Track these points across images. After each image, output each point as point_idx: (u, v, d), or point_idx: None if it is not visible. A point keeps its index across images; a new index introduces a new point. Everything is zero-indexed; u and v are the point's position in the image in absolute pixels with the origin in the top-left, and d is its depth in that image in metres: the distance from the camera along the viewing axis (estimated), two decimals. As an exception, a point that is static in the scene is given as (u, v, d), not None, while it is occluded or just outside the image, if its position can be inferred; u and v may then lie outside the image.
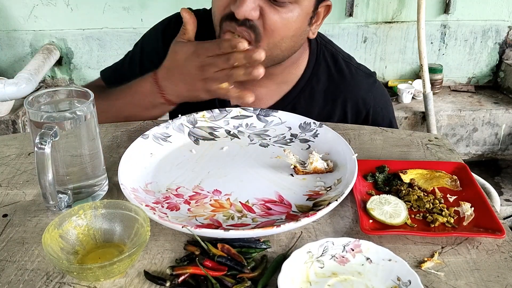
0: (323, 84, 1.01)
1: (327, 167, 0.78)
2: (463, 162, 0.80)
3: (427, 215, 0.68)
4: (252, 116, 0.93)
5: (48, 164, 0.62)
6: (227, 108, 0.94)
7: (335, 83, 1.01)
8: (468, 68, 2.70)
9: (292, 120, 0.91)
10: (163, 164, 0.80)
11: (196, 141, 0.88)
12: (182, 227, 0.61)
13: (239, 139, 0.89)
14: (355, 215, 0.69)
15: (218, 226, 0.66)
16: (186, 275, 0.57)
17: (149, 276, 0.57)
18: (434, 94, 2.49)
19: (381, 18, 2.53)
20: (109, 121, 0.95)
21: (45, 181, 0.63)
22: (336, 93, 1.01)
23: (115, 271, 0.55)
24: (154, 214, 0.64)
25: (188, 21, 0.87)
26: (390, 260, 0.58)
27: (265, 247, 0.62)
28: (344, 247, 0.59)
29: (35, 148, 0.61)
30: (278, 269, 0.55)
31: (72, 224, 0.60)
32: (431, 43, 2.60)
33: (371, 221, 0.66)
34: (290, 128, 0.90)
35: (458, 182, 0.76)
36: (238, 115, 0.93)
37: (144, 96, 0.91)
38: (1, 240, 0.64)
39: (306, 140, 0.87)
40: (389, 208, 0.67)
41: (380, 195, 0.71)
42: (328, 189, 0.74)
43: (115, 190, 0.74)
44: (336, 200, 0.66)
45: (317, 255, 0.59)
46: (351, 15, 2.50)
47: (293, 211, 0.69)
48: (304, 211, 0.69)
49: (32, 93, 0.93)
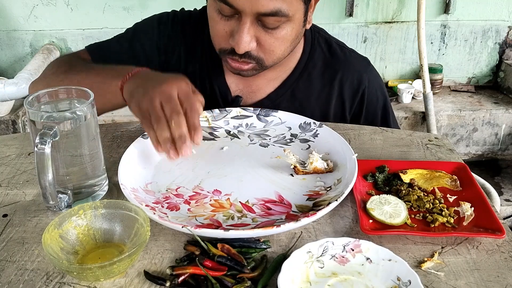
0: (319, 68, 1.03)
1: (327, 167, 0.78)
2: (463, 162, 0.80)
3: (427, 215, 0.68)
4: (252, 116, 0.93)
5: (48, 164, 0.62)
6: (227, 108, 0.94)
7: (331, 66, 1.03)
8: (468, 68, 2.70)
9: (292, 120, 0.91)
10: (163, 164, 0.80)
11: (196, 141, 0.88)
12: (182, 227, 0.61)
13: (239, 139, 0.89)
14: (355, 215, 0.69)
15: (218, 226, 0.66)
16: (186, 275, 0.57)
17: (149, 276, 0.57)
18: (434, 94, 2.49)
19: (381, 18, 2.53)
20: None
21: (45, 181, 0.63)
22: (332, 75, 1.03)
23: (115, 271, 0.55)
24: (154, 214, 0.64)
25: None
26: (390, 260, 0.58)
27: (265, 247, 0.62)
28: (344, 247, 0.59)
29: (35, 148, 0.61)
30: (278, 269, 0.55)
31: (72, 224, 0.60)
32: (431, 43, 2.60)
33: (371, 221, 0.66)
34: (290, 128, 0.91)
35: (458, 182, 0.76)
36: (238, 115, 0.93)
37: (118, 73, 0.85)
38: (1, 240, 0.64)
39: (306, 140, 0.87)
40: (389, 208, 0.67)
41: (380, 195, 0.71)
42: (328, 189, 0.74)
43: (115, 190, 0.74)
44: (336, 200, 0.66)
45: (317, 255, 0.59)
46: (351, 15, 2.49)
47: (293, 211, 0.69)
48: (304, 211, 0.69)
49: (32, 93, 0.93)
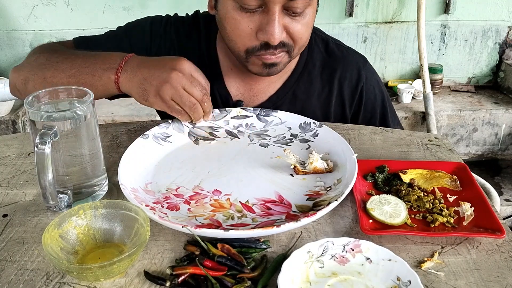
0: (318, 68, 1.03)
1: (327, 167, 0.78)
2: (463, 162, 0.80)
3: (427, 215, 0.68)
4: (252, 116, 0.93)
5: (48, 164, 0.62)
6: (227, 108, 0.94)
7: (329, 65, 1.04)
8: (468, 68, 2.70)
9: (292, 120, 0.91)
10: (163, 164, 0.80)
11: (196, 141, 0.88)
12: (182, 227, 0.61)
13: (239, 139, 0.89)
14: (355, 215, 0.69)
15: (218, 226, 0.66)
16: (186, 275, 0.57)
17: (149, 276, 0.57)
18: (434, 94, 2.49)
19: (381, 18, 2.53)
20: (55, 79, 0.88)
21: (45, 181, 0.63)
22: (331, 74, 1.03)
23: (115, 271, 0.55)
24: (154, 214, 0.64)
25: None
26: (390, 260, 0.58)
27: (265, 247, 0.62)
28: (344, 247, 0.59)
29: (35, 148, 0.61)
30: (278, 269, 0.55)
31: (72, 224, 0.60)
32: (431, 43, 2.60)
33: (371, 221, 0.66)
34: (290, 128, 0.90)
35: (458, 182, 0.76)
36: (238, 115, 0.93)
37: (105, 63, 0.85)
38: (1, 240, 0.64)
39: (306, 140, 0.87)
40: (389, 208, 0.67)
41: (380, 195, 0.71)
42: (328, 189, 0.74)
43: (115, 190, 0.74)
44: (336, 200, 0.66)
45: (317, 255, 0.59)
46: (351, 15, 2.50)
47: (293, 211, 0.69)
48: (304, 211, 0.69)
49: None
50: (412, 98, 2.55)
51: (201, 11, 1.07)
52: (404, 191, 0.72)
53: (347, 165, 0.76)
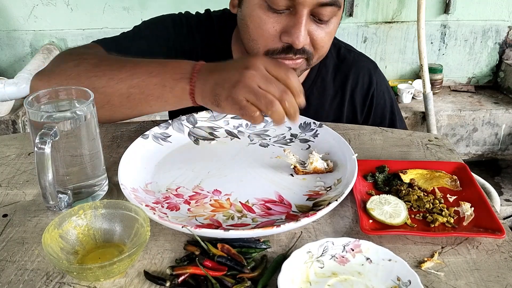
0: (331, 74, 1.03)
1: (327, 167, 0.78)
2: (463, 162, 0.80)
3: (427, 215, 0.68)
4: (252, 116, 0.93)
5: (48, 164, 0.62)
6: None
7: (341, 71, 1.04)
8: (468, 68, 2.70)
9: (292, 120, 0.91)
10: (163, 164, 0.80)
11: (196, 141, 0.88)
12: (182, 227, 0.61)
13: (239, 139, 0.89)
14: (355, 215, 0.69)
15: (218, 226, 0.66)
16: (186, 275, 0.57)
17: (149, 276, 0.57)
18: (434, 94, 2.49)
19: (381, 18, 2.53)
20: (111, 89, 0.77)
21: (45, 181, 0.63)
22: (343, 80, 1.04)
23: (115, 271, 0.55)
24: (154, 214, 0.64)
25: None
26: (390, 260, 0.58)
27: (265, 247, 0.62)
28: (344, 247, 0.59)
29: (35, 148, 0.61)
30: (278, 269, 0.55)
31: (72, 224, 0.60)
32: (431, 43, 2.60)
33: (371, 221, 0.66)
34: (290, 128, 0.90)
35: (458, 182, 0.76)
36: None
37: (176, 73, 0.76)
38: (1, 240, 0.64)
39: (306, 140, 0.87)
40: (389, 208, 0.67)
41: (380, 195, 0.71)
42: (328, 189, 0.74)
43: (115, 190, 0.74)
44: (336, 200, 0.66)
45: (317, 255, 0.59)
46: (351, 15, 2.50)
47: (293, 211, 0.69)
48: (304, 211, 0.69)
49: (32, 93, 0.90)
50: (412, 98, 2.55)
51: (201, 12, 1.05)
52: (404, 191, 0.72)
53: (347, 165, 0.76)
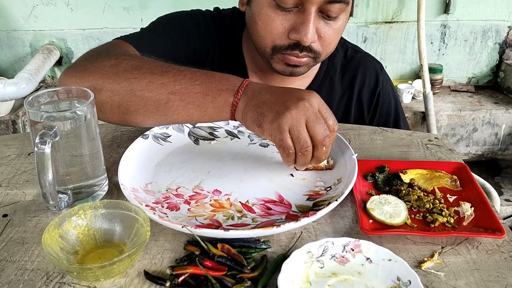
0: (339, 74, 1.04)
1: (327, 164, 0.78)
2: (463, 162, 0.80)
3: (427, 215, 0.68)
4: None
5: (48, 164, 0.62)
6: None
7: (349, 71, 1.05)
8: (468, 68, 2.70)
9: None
10: (163, 164, 0.80)
11: (196, 141, 0.88)
12: (182, 227, 0.61)
13: (239, 139, 0.89)
14: (355, 215, 0.69)
15: (218, 226, 0.66)
16: (186, 275, 0.57)
17: (149, 276, 0.57)
18: (434, 94, 2.49)
19: (381, 18, 2.53)
20: (150, 93, 0.72)
21: (45, 181, 0.63)
22: (351, 80, 1.04)
23: (115, 271, 0.55)
24: (154, 214, 0.64)
25: None
26: (390, 260, 0.58)
27: (265, 247, 0.62)
28: (344, 247, 0.59)
29: (35, 148, 0.61)
30: (278, 269, 0.55)
31: (72, 224, 0.60)
32: (431, 43, 2.60)
33: (371, 221, 0.66)
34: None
35: (458, 182, 0.76)
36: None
37: (222, 84, 0.72)
38: (1, 240, 0.64)
39: (306, 140, 0.87)
40: (389, 208, 0.67)
41: (380, 195, 0.71)
42: (328, 189, 0.74)
43: (115, 190, 0.74)
44: (336, 200, 0.66)
45: (317, 255, 0.59)
46: (351, 15, 2.49)
47: (293, 211, 0.69)
48: (304, 211, 0.69)
49: (32, 93, 0.90)
50: (412, 98, 2.55)
51: (203, 10, 1.06)
52: (404, 191, 0.72)
53: (347, 165, 0.76)
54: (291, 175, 0.78)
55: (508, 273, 0.59)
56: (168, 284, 0.56)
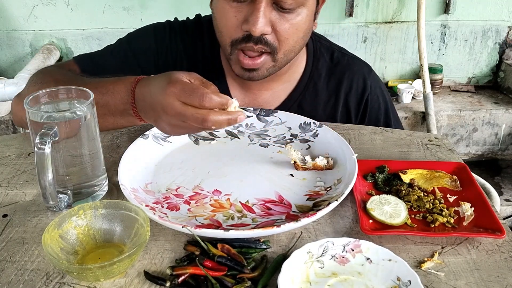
0: (324, 78, 1.02)
1: (327, 164, 0.78)
2: (463, 162, 0.80)
3: (427, 215, 0.68)
4: (252, 116, 0.93)
5: (48, 164, 0.62)
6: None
7: (335, 75, 1.03)
8: (468, 68, 2.70)
9: (292, 120, 0.91)
10: (163, 164, 0.80)
11: (196, 141, 0.88)
12: (182, 227, 0.61)
13: (239, 139, 0.89)
14: (355, 215, 0.69)
15: (218, 226, 0.66)
16: (186, 275, 0.57)
17: (149, 276, 0.57)
18: (434, 94, 2.49)
19: (381, 18, 2.53)
20: None
21: (45, 181, 0.63)
22: (337, 84, 1.02)
23: (115, 271, 0.55)
24: (154, 214, 0.64)
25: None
26: (390, 260, 0.58)
27: (265, 247, 0.62)
28: (344, 247, 0.59)
29: (35, 148, 0.61)
30: (278, 269, 0.55)
31: (72, 224, 0.60)
32: (431, 43, 2.60)
33: (371, 221, 0.66)
34: (290, 128, 0.90)
35: (458, 182, 0.76)
36: (238, 115, 0.93)
37: (118, 97, 0.76)
38: (1, 240, 0.64)
39: (306, 140, 0.87)
40: (389, 208, 0.67)
41: (380, 195, 0.71)
42: (328, 189, 0.74)
43: (115, 190, 0.74)
44: (336, 200, 0.66)
45: (317, 255, 0.59)
46: (351, 15, 2.49)
47: (293, 211, 0.69)
48: (304, 211, 0.69)
49: (32, 93, 0.90)
50: (412, 98, 2.54)
51: (202, 13, 1.06)
52: (404, 191, 0.72)
53: (347, 165, 0.76)
54: (291, 175, 0.78)
55: (508, 273, 0.59)
56: (168, 284, 0.56)
